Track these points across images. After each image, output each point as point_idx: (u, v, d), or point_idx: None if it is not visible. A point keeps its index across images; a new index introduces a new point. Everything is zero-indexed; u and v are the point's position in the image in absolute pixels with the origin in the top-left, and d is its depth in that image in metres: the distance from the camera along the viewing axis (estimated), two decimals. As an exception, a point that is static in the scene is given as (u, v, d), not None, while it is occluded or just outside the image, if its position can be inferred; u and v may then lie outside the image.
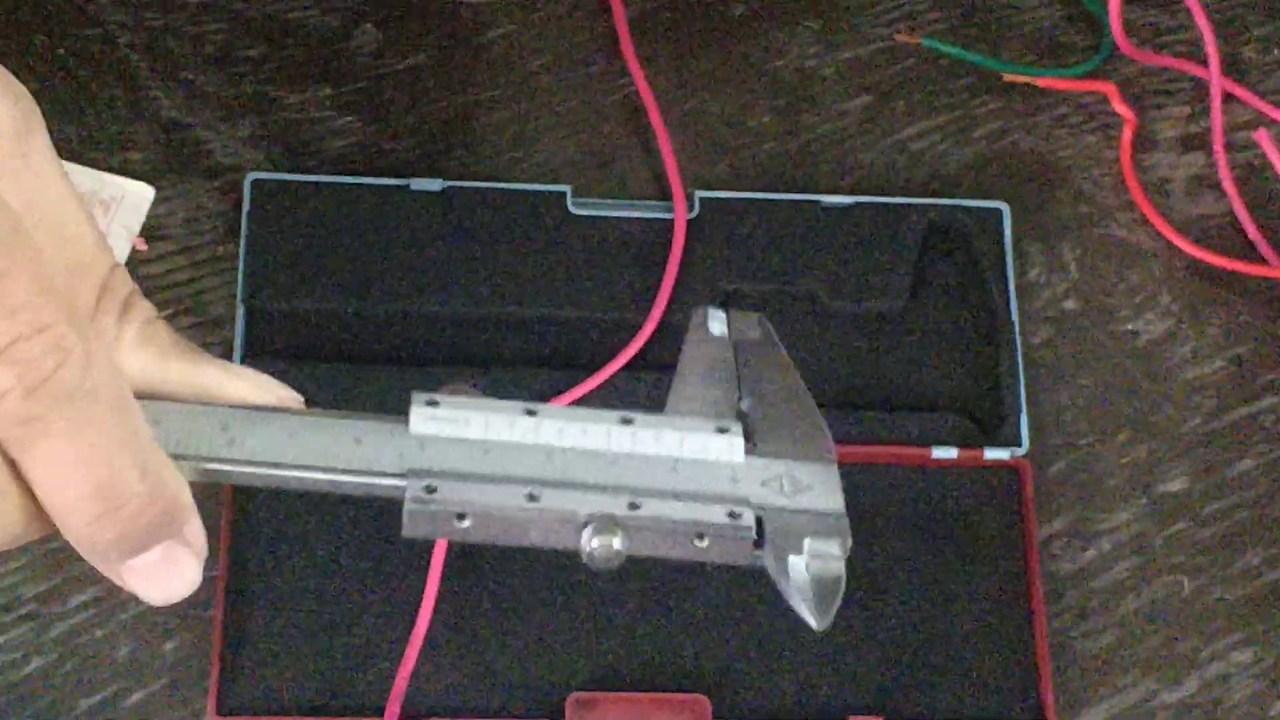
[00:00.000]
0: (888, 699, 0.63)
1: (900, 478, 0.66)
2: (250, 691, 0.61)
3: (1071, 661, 0.65)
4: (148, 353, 0.39)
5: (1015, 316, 0.68)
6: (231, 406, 0.39)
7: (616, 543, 0.38)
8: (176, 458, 0.37)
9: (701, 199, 0.69)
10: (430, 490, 0.38)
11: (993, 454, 0.66)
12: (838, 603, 0.38)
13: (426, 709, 0.61)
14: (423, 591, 0.61)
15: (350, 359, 0.65)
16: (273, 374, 0.40)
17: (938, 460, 0.66)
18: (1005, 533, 0.66)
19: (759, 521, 0.39)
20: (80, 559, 0.61)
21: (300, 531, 0.63)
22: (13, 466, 0.34)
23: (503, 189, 0.68)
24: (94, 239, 0.38)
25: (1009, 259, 0.69)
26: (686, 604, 0.64)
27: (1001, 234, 0.69)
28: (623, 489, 0.39)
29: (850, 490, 0.64)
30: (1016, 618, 0.64)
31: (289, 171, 0.68)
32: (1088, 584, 0.66)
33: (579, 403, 0.63)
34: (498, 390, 0.44)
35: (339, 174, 0.68)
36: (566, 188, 0.68)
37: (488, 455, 0.39)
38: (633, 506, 0.39)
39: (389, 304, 0.66)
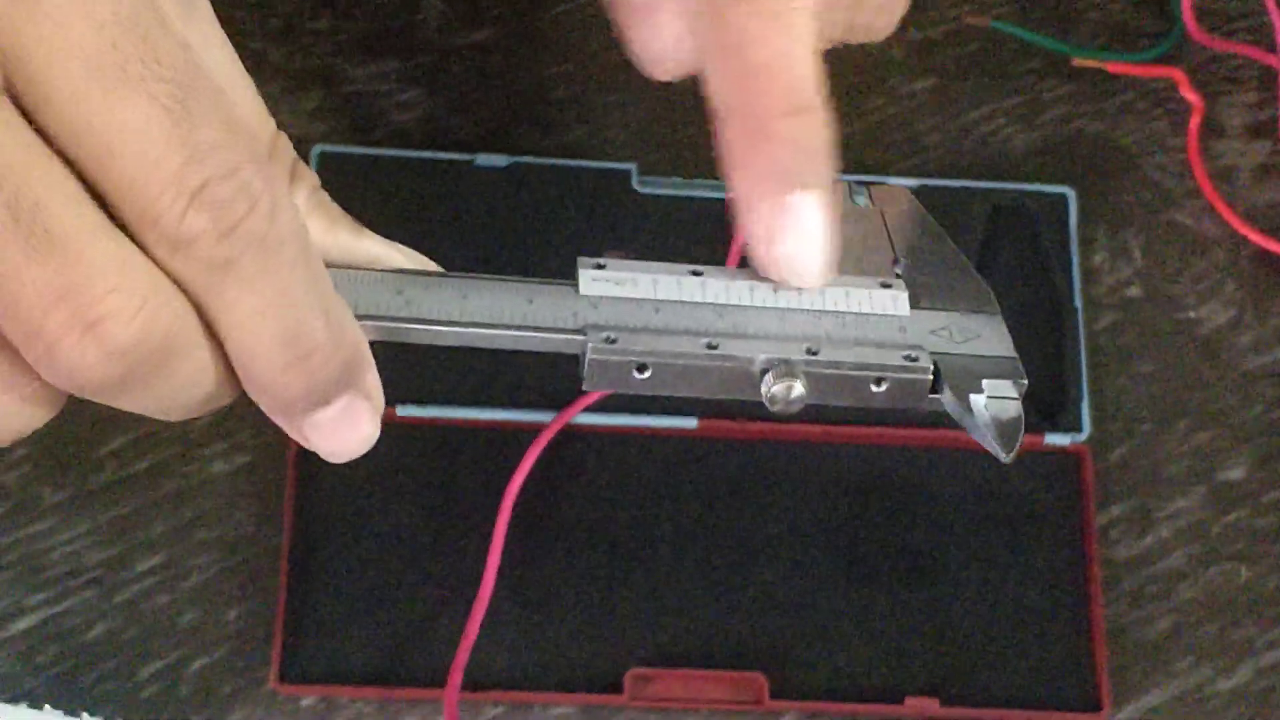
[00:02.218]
0: (944, 681, 0.63)
1: (960, 461, 0.66)
2: (312, 660, 0.62)
3: (1127, 647, 0.65)
4: (316, 217, 0.39)
5: (1079, 302, 0.68)
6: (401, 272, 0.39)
7: (797, 388, 0.39)
8: (356, 317, 0.37)
9: (766, 179, 0.69)
10: (610, 341, 0.39)
11: (1053, 439, 0.66)
12: (1021, 437, 0.39)
13: (488, 681, 0.61)
14: (485, 564, 0.61)
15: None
16: None
17: (998, 444, 0.66)
18: (1064, 518, 0.66)
19: (935, 365, 0.40)
20: (144, 527, 0.62)
21: (363, 503, 0.63)
22: (202, 319, 0.34)
23: (568, 166, 0.68)
24: (259, 105, 0.38)
25: (1074, 244, 0.69)
26: (744, 583, 0.64)
27: (1066, 219, 0.69)
28: (798, 338, 0.40)
29: (909, 473, 0.65)
30: (1073, 603, 0.65)
31: (354, 145, 0.68)
32: (1145, 570, 0.66)
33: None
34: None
35: (404, 148, 0.68)
36: (631, 165, 0.68)
37: (658, 313, 0.39)
38: (811, 352, 0.39)
39: (452, 278, 0.66)
